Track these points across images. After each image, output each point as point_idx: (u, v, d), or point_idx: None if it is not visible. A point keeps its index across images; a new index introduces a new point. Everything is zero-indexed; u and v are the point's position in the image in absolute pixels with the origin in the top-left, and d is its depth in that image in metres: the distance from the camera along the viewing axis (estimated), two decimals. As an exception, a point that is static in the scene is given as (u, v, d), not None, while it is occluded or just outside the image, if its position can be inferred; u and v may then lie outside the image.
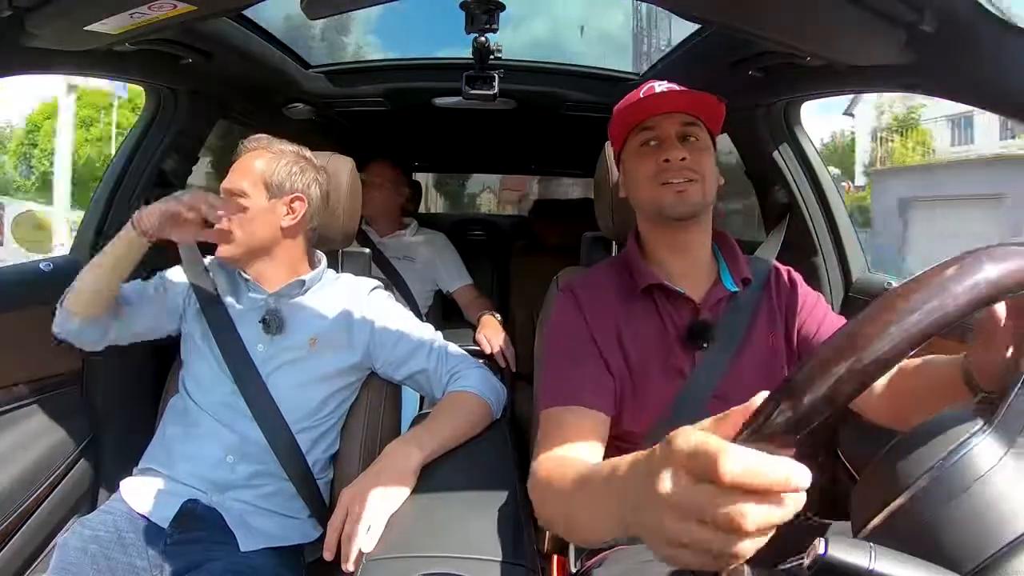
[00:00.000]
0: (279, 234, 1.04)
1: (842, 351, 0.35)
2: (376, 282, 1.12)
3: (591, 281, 0.91)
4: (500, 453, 1.01)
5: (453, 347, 1.08)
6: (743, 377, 0.86)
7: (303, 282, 1.05)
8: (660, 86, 0.86)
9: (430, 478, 0.91)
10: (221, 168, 2.09)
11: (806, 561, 0.34)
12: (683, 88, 0.85)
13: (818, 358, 0.36)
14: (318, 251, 1.14)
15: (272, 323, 1.02)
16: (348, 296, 1.07)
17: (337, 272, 1.15)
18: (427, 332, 1.08)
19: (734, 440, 0.34)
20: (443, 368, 1.04)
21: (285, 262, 1.06)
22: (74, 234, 1.32)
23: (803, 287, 0.93)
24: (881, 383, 0.79)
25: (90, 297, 0.98)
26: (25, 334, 1.07)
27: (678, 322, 0.86)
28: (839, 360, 0.35)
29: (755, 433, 0.35)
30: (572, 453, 0.75)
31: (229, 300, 1.07)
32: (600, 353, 0.84)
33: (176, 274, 1.10)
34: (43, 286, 1.14)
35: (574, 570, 0.92)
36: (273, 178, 1.03)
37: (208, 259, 1.12)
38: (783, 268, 0.94)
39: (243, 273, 1.07)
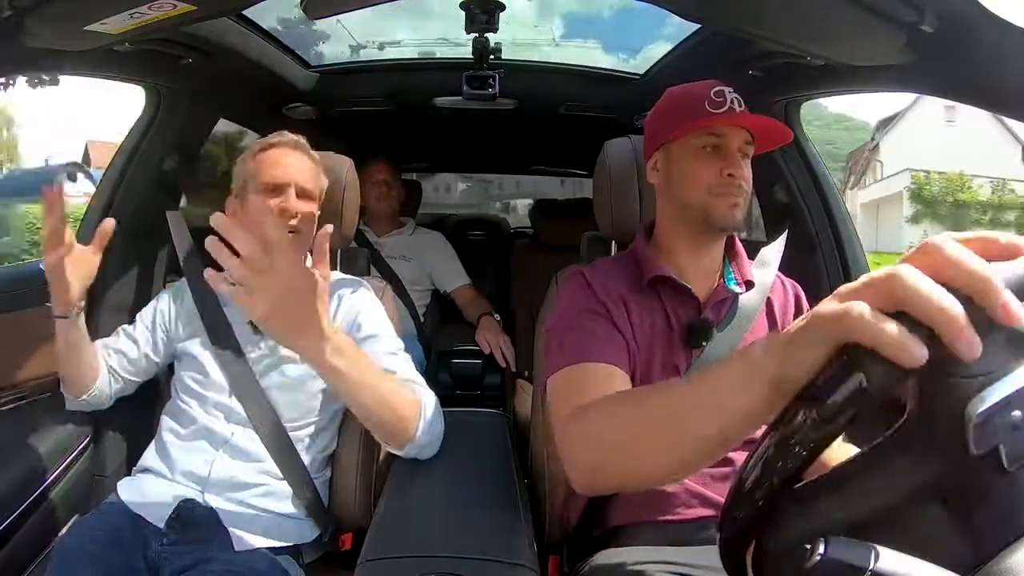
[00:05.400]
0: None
1: None
2: (362, 282, 1.09)
3: (599, 269, 0.90)
4: (500, 453, 1.01)
5: (411, 366, 1.01)
6: None
7: None
8: (730, 92, 0.85)
9: (430, 478, 0.91)
10: (221, 168, 2.11)
11: (807, 561, 0.34)
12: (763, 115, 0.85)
13: None
14: None
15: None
16: (332, 295, 1.04)
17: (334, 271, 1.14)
18: (396, 343, 1.03)
19: None
20: (396, 372, 0.97)
21: None
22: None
23: (807, 307, 0.94)
24: None
25: (76, 377, 1.03)
26: (25, 334, 1.07)
27: (682, 317, 0.86)
28: None
29: None
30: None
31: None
32: (611, 318, 0.82)
33: (147, 313, 1.10)
34: (43, 286, 1.14)
35: (567, 570, 0.92)
36: (324, 185, 1.09)
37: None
38: (788, 281, 0.96)
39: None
